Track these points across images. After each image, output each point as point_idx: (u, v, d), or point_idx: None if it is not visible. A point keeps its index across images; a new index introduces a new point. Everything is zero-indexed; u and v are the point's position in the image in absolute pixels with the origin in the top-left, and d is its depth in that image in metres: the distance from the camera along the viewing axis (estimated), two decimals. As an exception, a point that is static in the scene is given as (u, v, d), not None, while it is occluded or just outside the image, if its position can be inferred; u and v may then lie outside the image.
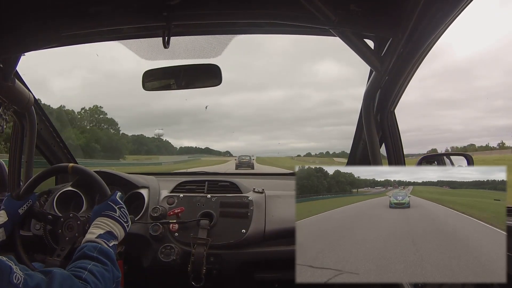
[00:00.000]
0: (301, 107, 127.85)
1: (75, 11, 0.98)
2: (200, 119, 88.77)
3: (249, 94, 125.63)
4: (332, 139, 65.27)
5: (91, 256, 0.84)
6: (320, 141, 68.64)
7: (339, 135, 64.02)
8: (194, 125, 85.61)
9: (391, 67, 1.10)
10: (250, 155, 22.81)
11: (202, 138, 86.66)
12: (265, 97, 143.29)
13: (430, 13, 0.88)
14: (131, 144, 45.18)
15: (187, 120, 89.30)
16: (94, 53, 10.72)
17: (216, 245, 1.30)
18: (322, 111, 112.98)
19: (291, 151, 58.61)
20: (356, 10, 0.96)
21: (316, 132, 74.92)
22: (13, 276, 0.64)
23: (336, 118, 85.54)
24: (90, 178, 1.09)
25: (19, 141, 1.57)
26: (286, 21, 1.03)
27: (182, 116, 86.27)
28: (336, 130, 71.79)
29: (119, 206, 1.00)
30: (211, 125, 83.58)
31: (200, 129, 77.67)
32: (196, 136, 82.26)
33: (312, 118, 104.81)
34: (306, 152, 54.30)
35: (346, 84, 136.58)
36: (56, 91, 21.33)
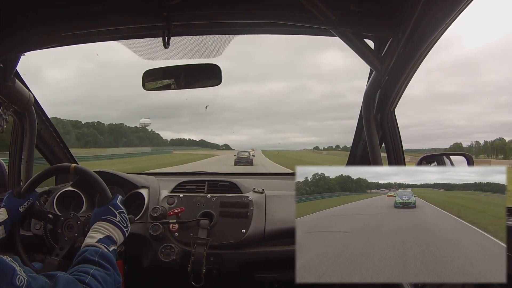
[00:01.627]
0: (304, 100, 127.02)
1: (75, 11, 0.98)
2: (200, 112, 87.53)
3: (250, 85, 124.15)
4: (334, 133, 64.58)
5: (93, 261, 0.84)
6: (322, 136, 67.99)
7: (340, 129, 63.39)
8: (195, 117, 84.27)
9: (391, 67, 1.10)
10: (249, 150, 22.37)
11: (203, 131, 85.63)
12: (266, 89, 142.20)
13: (430, 13, 0.88)
14: (107, 135, 38.41)
15: (186, 113, 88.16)
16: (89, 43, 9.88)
17: (216, 245, 1.30)
18: (325, 104, 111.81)
19: (293, 146, 57.15)
20: (356, 10, 0.96)
21: (318, 126, 74.16)
22: (16, 278, 0.64)
23: (339, 112, 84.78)
24: (92, 179, 1.09)
25: (19, 141, 1.57)
26: (286, 21, 1.03)
27: (183, 109, 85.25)
28: (337, 124, 71.04)
29: (119, 211, 1.00)
30: (211, 118, 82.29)
31: (201, 122, 76.40)
32: (196, 129, 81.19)
33: (315, 112, 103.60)
34: (309, 146, 53.43)
35: (350, 76, 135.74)
36: (51, 84, 19.74)
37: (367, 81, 1.30)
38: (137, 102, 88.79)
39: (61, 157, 1.81)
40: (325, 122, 79.90)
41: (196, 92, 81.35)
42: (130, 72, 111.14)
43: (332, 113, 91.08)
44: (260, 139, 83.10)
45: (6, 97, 1.33)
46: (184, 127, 79.16)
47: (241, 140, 59.73)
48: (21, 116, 1.51)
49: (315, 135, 68.93)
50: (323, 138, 65.01)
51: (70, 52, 14.31)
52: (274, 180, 1.75)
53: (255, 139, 63.31)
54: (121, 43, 1.26)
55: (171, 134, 63.14)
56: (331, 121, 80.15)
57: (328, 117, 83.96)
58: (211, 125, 79.73)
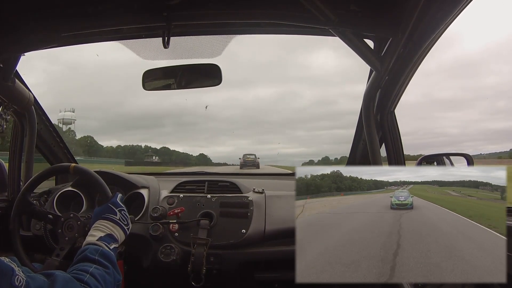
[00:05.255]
0: (292, 108, 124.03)
1: (75, 11, 0.98)
2: (184, 121, 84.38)
3: (234, 92, 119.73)
4: (323, 144, 62.86)
5: (92, 259, 0.84)
6: (311, 146, 66.17)
7: (330, 139, 61.60)
8: (179, 127, 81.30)
9: (391, 67, 1.10)
10: (255, 153, 22.29)
11: (188, 142, 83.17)
12: (252, 95, 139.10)
13: (430, 13, 0.88)
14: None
15: (169, 122, 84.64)
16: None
17: (216, 245, 1.30)
18: (315, 112, 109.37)
19: (281, 157, 55.22)
20: (356, 10, 0.96)
21: (307, 137, 72.04)
22: (15, 279, 0.64)
23: (330, 121, 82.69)
24: (92, 179, 1.09)
25: (19, 141, 1.57)
26: (286, 21, 1.03)
27: (165, 118, 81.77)
28: (327, 134, 69.22)
29: (119, 209, 1.00)
30: (195, 128, 79.62)
31: (184, 133, 73.26)
32: (181, 141, 78.78)
33: (304, 120, 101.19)
34: (297, 158, 51.96)
35: (342, 80, 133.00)
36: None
37: (367, 81, 1.30)
38: (114, 110, 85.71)
39: (61, 157, 1.81)
40: (314, 132, 78.09)
41: (176, 100, 78.70)
42: (106, 74, 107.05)
43: (322, 122, 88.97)
44: (247, 150, 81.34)
45: (6, 97, 1.33)
46: (167, 138, 76.94)
47: (227, 152, 57.45)
48: (21, 116, 1.51)
49: (304, 145, 67.58)
50: (312, 148, 63.20)
51: (34, 54, 13.06)
52: (274, 180, 1.75)
53: (242, 150, 62.10)
54: (121, 43, 1.26)
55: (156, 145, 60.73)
56: (321, 130, 78.07)
57: (317, 127, 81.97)
58: (197, 135, 77.07)
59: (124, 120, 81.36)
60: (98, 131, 73.08)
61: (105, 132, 65.53)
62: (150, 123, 74.47)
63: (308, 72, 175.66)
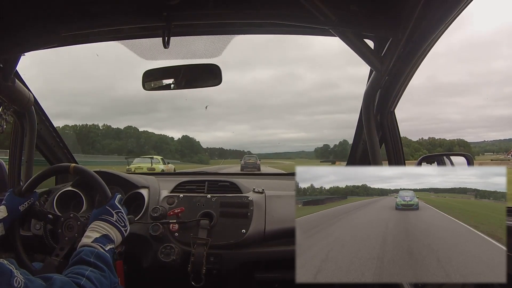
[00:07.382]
0: (292, 91, 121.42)
1: (75, 11, 0.98)
2: (179, 106, 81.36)
3: (231, 74, 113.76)
4: (324, 129, 61.81)
5: (88, 262, 0.83)
6: (311, 131, 65.03)
7: (331, 124, 60.71)
8: (174, 112, 78.49)
9: (391, 67, 1.10)
10: (256, 155, 22.01)
11: (184, 127, 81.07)
12: (249, 78, 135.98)
13: (430, 13, 0.88)
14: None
15: (164, 108, 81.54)
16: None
17: (216, 245, 1.30)
18: (315, 96, 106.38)
19: (282, 142, 52.46)
20: (356, 10, 0.96)
21: (308, 121, 69.76)
22: (13, 280, 0.64)
23: (330, 105, 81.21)
24: (91, 179, 1.09)
25: (19, 141, 1.57)
26: (286, 21, 1.03)
27: (160, 103, 79.07)
28: (328, 119, 67.65)
29: (116, 211, 1.00)
30: (192, 113, 75.73)
31: (183, 118, 70.39)
32: (177, 126, 76.04)
33: (304, 105, 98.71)
34: (298, 143, 50.91)
35: (343, 63, 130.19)
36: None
37: (367, 81, 1.30)
38: (108, 94, 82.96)
39: (61, 157, 1.81)
40: (314, 116, 75.83)
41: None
42: (97, 60, 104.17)
43: (323, 107, 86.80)
44: (246, 135, 77.53)
45: (6, 97, 1.33)
46: (165, 123, 74.21)
47: (228, 137, 54.75)
48: (21, 116, 1.51)
49: (304, 130, 66.04)
50: (312, 133, 61.90)
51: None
52: (274, 180, 1.75)
53: (241, 136, 59.37)
54: (121, 43, 1.26)
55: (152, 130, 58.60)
56: (322, 115, 75.84)
57: (318, 111, 79.74)
58: (194, 121, 74.30)
59: (119, 104, 79.91)
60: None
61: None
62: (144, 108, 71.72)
63: (309, 52, 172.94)
